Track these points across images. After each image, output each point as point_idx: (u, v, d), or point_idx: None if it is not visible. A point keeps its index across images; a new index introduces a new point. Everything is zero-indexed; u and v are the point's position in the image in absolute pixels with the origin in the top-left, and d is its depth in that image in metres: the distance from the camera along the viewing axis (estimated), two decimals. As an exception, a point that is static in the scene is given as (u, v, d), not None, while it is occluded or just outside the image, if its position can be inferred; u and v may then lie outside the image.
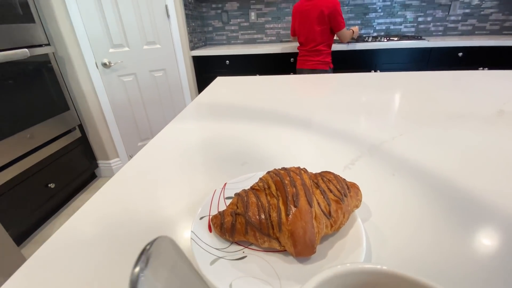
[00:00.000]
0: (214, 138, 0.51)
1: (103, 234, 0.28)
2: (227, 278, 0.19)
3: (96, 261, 0.25)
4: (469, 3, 2.33)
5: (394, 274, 0.11)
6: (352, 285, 0.11)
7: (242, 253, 0.23)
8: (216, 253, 0.22)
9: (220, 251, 0.22)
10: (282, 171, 0.25)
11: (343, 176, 0.36)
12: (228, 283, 0.19)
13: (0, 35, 1.23)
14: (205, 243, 0.22)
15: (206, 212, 0.26)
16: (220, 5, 2.50)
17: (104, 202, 0.35)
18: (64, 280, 0.23)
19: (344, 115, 0.59)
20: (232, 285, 0.19)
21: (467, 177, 0.35)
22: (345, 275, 0.11)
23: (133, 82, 1.85)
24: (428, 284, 0.11)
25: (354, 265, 0.11)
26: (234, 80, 1.04)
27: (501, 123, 0.51)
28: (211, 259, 0.21)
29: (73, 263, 0.25)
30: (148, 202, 0.33)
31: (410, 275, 0.11)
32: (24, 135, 1.36)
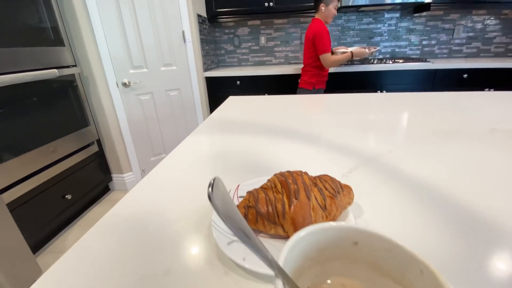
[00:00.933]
0: (226, 150, 0.57)
1: (123, 246, 0.29)
2: (241, 254, 0.24)
3: (114, 274, 0.26)
4: (472, 27, 2.41)
5: (354, 229, 0.15)
6: (326, 239, 0.16)
7: (253, 239, 0.27)
8: (232, 237, 0.27)
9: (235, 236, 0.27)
10: (287, 173, 0.30)
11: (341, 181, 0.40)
12: (242, 257, 0.23)
13: (33, 56, 1.37)
14: (222, 229, 0.27)
15: (223, 207, 0.31)
16: (232, 30, 2.67)
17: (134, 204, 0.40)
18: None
19: (345, 131, 0.64)
20: (245, 259, 0.23)
21: (453, 185, 0.39)
22: (314, 232, 0.15)
23: (149, 101, 1.97)
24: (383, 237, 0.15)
25: (321, 224, 0.16)
26: (245, 99, 1.12)
27: (493, 140, 0.55)
28: (228, 241, 0.26)
29: (90, 277, 0.26)
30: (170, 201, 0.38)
31: (363, 228, 0.15)
32: (48, 148, 1.46)
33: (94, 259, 0.28)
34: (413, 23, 2.47)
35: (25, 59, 1.32)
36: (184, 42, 2.00)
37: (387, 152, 0.50)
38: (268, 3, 2.23)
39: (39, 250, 1.48)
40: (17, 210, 1.28)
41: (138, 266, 0.27)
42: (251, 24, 2.62)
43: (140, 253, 0.28)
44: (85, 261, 0.28)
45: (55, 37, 1.51)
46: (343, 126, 0.68)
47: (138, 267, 0.27)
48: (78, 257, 0.29)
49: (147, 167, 2.11)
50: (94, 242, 0.31)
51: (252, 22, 2.61)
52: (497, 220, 0.31)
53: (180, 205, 0.37)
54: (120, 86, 1.82)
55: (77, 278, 0.26)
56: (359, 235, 0.16)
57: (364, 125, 0.68)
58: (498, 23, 2.36)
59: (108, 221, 0.35)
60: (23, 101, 1.32)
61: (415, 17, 2.44)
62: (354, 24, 2.54)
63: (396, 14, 2.45)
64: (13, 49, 1.26)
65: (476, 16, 2.37)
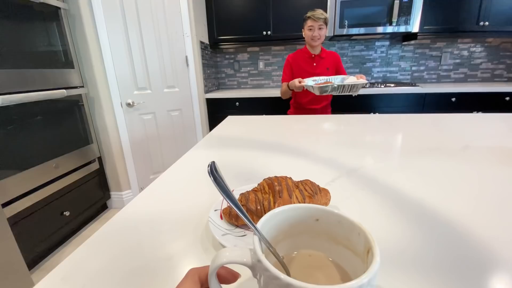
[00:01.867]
0: (223, 162, 0.62)
1: (120, 263, 0.29)
2: (233, 242, 0.29)
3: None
4: (459, 54, 2.56)
5: (315, 208, 0.20)
6: (295, 216, 0.21)
7: (243, 233, 0.32)
8: (225, 231, 0.31)
9: (228, 230, 0.32)
10: (274, 177, 0.35)
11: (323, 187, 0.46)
12: (233, 244, 0.28)
13: (44, 78, 1.46)
14: (218, 224, 0.32)
15: (218, 207, 0.36)
16: (233, 56, 2.83)
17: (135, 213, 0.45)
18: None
19: (332, 147, 0.70)
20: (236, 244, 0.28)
21: (423, 192, 0.44)
22: (286, 210, 0.20)
23: (151, 120, 2.05)
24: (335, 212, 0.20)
25: (291, 205, 0.21)
26: (243, 118, 1.19)
27: (465, 156, 0.60)
28: (222, 233, 0.31)
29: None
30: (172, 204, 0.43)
31: (322, 207, 0.20)
32: (51, 165, 1.51)
33: (85, 274, 0.28)
34: (403, 51, 2.63)
35: (35, 80, 1.41)
36: (187, 66, 2.13)
37: (367, 165, 0.56)
38: (266, 32, 2.40)
39: (34, 267, 1.47)
40: (16, 225, 1.30)
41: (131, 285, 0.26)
42: (250, 50, 2.79)
43: (133, 275, 0.28)
44: (73, 276, 0.28)
45: (66, 59, 1.61)
46: (331, 143, 0.74)
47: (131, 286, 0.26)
48: (67, 273, 0.28)
49: (146, 185, 2.13)
50: (84, 258, 0.31)
51: (251, 48, 2.77)
52: (461, 223, 0.36)
53: (175, 220, 0.38)
54: (124, 106, 1.90)
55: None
56: (319, 212, 0.21)
57: (349, 142, 0.74)
58: (483, 50, 2.52)
59: (100, 237, 0.35)
60: (30, 118, 1.39)
61: (404, 45, 2.61)
62: (347, 51, 2.70)
63: (386, 42, 2.62)
64: (25, 70, 1.35)
65: (461, 44, 2.53)
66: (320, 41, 1.60)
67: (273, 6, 2.33)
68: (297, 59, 1.70)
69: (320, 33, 1.57)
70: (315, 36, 1.57)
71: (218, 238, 0.29)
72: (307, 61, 1.69)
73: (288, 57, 1.73)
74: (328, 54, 1.71)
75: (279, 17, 2.36)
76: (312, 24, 1.55)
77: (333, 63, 1.70)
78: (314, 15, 1.52)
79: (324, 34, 1.59)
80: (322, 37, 1.60)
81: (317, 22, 1.53)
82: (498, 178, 0.48)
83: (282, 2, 2.32)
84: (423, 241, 0.32)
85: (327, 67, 1.68)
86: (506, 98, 2.08)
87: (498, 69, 2.56)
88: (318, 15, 1.52)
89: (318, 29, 1.56)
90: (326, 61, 1.69)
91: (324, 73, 1.64)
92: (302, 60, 1.70)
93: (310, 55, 1.68)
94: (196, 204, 0.42)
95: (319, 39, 1.59)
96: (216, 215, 0.34)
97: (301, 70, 1.69)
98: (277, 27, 2.39)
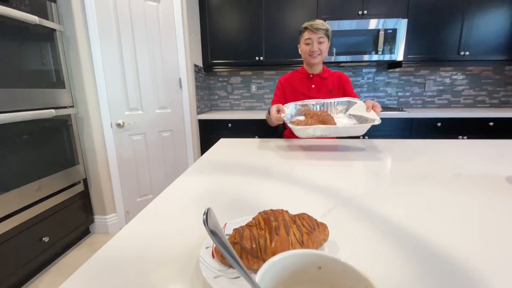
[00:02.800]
0: (215, 190, 0.60)
1: None
2: (226, 285, 0.26)
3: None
4: (442, 81, 2.70)
5: (318, 254, 0.19)
6: (295, 264, 0.19)
7: (237, 274, 0.30)
8: (218, 272, 0.29)
9: (221, 271, 0.29)
10: (269, 211, 0.34)
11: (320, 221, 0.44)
12: (227, 289, 0.26)
13: (33, 97, 1.43)
14: (209, 264, 0.30)
15: (210, 244, 0.34)
16: (226, 79, 2.89)
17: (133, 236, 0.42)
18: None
19: (326, 173, 0.69)
20: (229, 290, 0.26)
21: (420, 225, 0.43)
22: (286, 257, 0.19)
23: (141, 141, 2.01)
24: (340, 260, 0.19)
25: (291, 251, 0.19)
26: (235, 141, 1.18)
27: (458, 184, 0.61)
28: (214, 275, 0.28)
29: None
30: (159, 238, 0.40)
31: (325, 253, 0.19)
32: (33, 187, 1.43)
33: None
34: (388, 77, 2.75)
35: (24, 99, 1.38)
36: (180, 88, 2.14)
37: (362, 194, 0.55)
38: (258, 57, 2.48)
39: (4, 300, 1.34)
40: (-11, 253, 1.20)
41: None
42: (243, 74, 2.85)
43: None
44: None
45: (57, 79, 1.60)
46: (324, 169, 0.74)
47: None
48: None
49: (132, 208, 2.05)
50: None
51: (244, 72, 2.84)
52: (458, 256, 0.35)
53: (163, 258, 0.36)
54: (114, 127, 1.87)
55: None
56: (322, 260, 0.19)
57: (343, 168, 0.74)
58: (465, 78, 2.67)
59: (88, 271, 0.33)
60: (15, 138, 1.34)
61: (390, 72, 2.73)
62: (336, 76, 2.80)
63: (372, 69, 2.75)
64: (15, 89, 1.33)
65: (444, 72, 2.68)
66: (320, 57, 1.29)
67: (266, 33, 2.43)
68: (291, 80, 1.41)
69: (320, 48, 1.26)
70: (313, 51, 1.26)
71: (210, 282, 0.27)
72: (303, 82, 1.38)
73: (280, 78, 1.45)
74: (331, 74, 1.39)
75: (272, 43, 2.45)
76: (310, 36, 1.26)
77: (338, 84, 1.36)
78: (312, 25, 1.24)
79: (325, 49, 1.28)
80: (323, 52, 1.28)
81: (317, 33, 1.24)
82: (494, 208, 0.48)
83: (275, 30, 2.43)
84: (427, 279, 0.30)
85: (330, 89, 1.36)
86: (490, 123, 2.17)
87: (480, 96, 2.69)
88: (318, 25, 1.23)
89: (318, 42, 1.26)
90: (329, 82, 1.36)
91: (326, 97, 1.31)
92: (298, 81, 1.39)
93: (307, 75, 1.37)
94: (186, 239, 0.40)
95: (319, 54, 1.28)
96: (208, 253, 0.32)
97: (296, 93, 1.38)
98: (269, 53, 2.47)
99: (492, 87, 2.67)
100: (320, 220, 0.44)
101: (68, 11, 1.62)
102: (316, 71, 1.36)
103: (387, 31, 2.25)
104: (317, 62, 1.30)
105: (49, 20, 1.53)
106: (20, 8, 1.34)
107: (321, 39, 1.25)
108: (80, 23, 1.65)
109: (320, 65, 1.36)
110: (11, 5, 1.29)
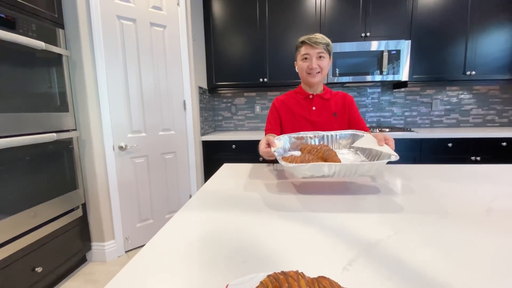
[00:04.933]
0: (216, 231, 0.54)
1: None
2: None
3: None
4: (448, 100, 2.65)
5: None
6: None
7: None
8: None
9: None
10: (281, 276, 0.27)
11: (341, 278, 0.37)
12: None
13: (36, 120, 1.41)
14: None
15: None
16: (230, 100, 2.89)
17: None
18: None
19: (341, 209, 0.62)
20: None
21: (459, 281, 0.35)
22: None
23: (143, 164, 1.97)
24: None
25: None
26: (240, 167, 1.12)
27: (489, 222, 0.53)
28: None
29: None
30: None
31: None
32: (29, 213, 1.38)
33: None
34: (394, 97, 2.72)
35: (28, 123, 1.36)
36: (184, 110, 2.13)
37: (386, 238, 0.48)
38: (262, 79, 2.48)
39: None
40: (-25, 288, 1.12)
41: None
42: (247, 95, 2.86)
43: None
44: None
45: (61, 103, 1.59)
46: (338, 204, 0.67)
47: None
48: None
49: (132, 234, 1.96)
50: None
51: (248, 93, 2.85)
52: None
53: None
54: (116, 149, 1.84)
55: None
56: None
57: (358, 202, 0.67)
58: (472, 97, 2.62)
59: None
60: (14, 163, 1.30)
61: (395, 92, 2.70)
62: (341, 97, 2.78)
63: (377, 89, 2.72)
64: (18, 114, 1.31)
65: (450, 91, 2.64)
66: (320, 76, 1.13)
67: (269, 54, 2.45)
68: (287, 102, 1.24)
69: (320, 64, 1.10)
70: (312, 69, 1.11)
71: None
72: (302, 103, 1.22)
73: (274, 100, 1.28)
74: (334, 95, 1.23)
75: (275, 65, 2.47)
76: (308, 51, 1.10)
77: (343, 106, 1.21)
78: (310, 39, 1.09)
79: (326, 66, 1.12)
80: (323, 69, 1.12)
81: (315, 48, 1.09)
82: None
83: (278, 51, 2.45)
84: None
85: (334, 112, 1.19)
86: (503, 143, 2.09)
87: (489, 115, 2.63)
88: (317, 38, 1.09)
89: (317, 58, 1.10)
90: (332, 103, 1.20)
91: (329, 121, 1.18)
92: (296, 103, 1.23)
93: (306, 96, 1.22)
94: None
95: (319, 72, 1.12)
96: None
97: (293, 116, 1.22)
98: (273, 74, 2.48)
99: (500, 106, 2.62)
100: (341, 276, 0.37)
101: (75, 36, 1.65)
102: (316, 91, 1.21)
103: (391, 52, 2.25)
104: (316, 81, 1.14)
105: (57, 45, 1.55)
106: (26, 34, 1.36)
107: (321, 54, 1.10)
108: (87, 48, 1.68)
109: (321, 85, 1.22)
110: (18, 31, 1.31)
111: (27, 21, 1.36)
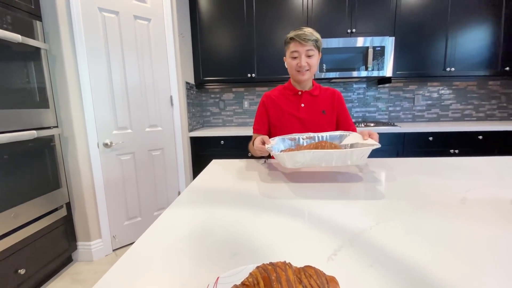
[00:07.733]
0: (206, 225, 0.54)
1: None
2: None
3: None
4: (430, 96, 2.75)
5: None
6: None
7: None
8: None
9: None
10: (270, 267, 0.28)
11: (327, 267, 0.39)
12: None
13: (15, 117, 1.35)
14: None
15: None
16: (218, 95, 2.87)
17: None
18: None
19: (326, 200, 0.65)
20: None
21: (437, 268, 0.38)
22: None
23: (130, 161, 1.93)
24: None
25: None
26: (229, 163, 1.13)
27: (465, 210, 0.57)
28: None
29: None
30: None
31: None
32: (9, 214, 1.33)
33: None
34: (379, 93, 2.79)
35: (5, 120, 1.30)
36: (171, 105, 2.10)
37: (369, 228, 0.50)
38: (250, 74, 2.48)
39: None
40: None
41: None
42: (236, 91, 2.84)
43: None
44: None
45: (41, 99, 1.53)
46: (324, 195, 0.69)
47: None
48: None
49: (119, 233, 1.93)
50: None
51: (236, 89, 2.83)
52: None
53: None
54: (101, 147, 1.79)
55: None
56: None
57: (344, 194, 0.69)
58: (452, 92, 2.73)
59: None
60: (-9, 163, 1.25)
61: (380, 87, 2.77)
62: (328, 92, 2.82)
63: (363, 85, 2.78)
64: (-6, 111, 1.25)
65: (431, 87, 2.74)
66: (309, 73, 1.13)
67: (257, 50, 2.45)
68: (276, 98, 1.24)
69: (309, 62, 1.10)
70: (301, 66, 1.10)
71: None
72: (290, 100, 1.22)
73: (263, 97, 1.27)
74: (323, 91, 1.23)
75: (263, 60, 2.46)
76: (296, 48, 1.09)
77: (331, 103, 1.22)
78: (299, 35, 1.06)
79: (315, 63, 1.12)
80: (312, 67, 1.12)
81: (304, 45, 1.07)
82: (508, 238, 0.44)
83: (266, 47, 2.44)
84: None
85: (323, 109, 1.20)
86: (479, 136, 2.20)
87: (467, 109, 2.76)
88: (306, 35, 1.06)
89: (306, 55, 1.09)
90: (321, 100, 1.21)
91: (318, 118, 1.19)
92: (285, 99, 1.22)
93: (295, 92, 1.21)
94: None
95: (308, 70, 1.11)
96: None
97: (282, 113, 1.21)
98: (261, 70, 2.48)
99: (477, 101, 2.74)
100: (327, 265, 0.39)
101: (54, 29, 1.58)
102: (305, 87, 1.21)
103: (375, 48, 2.30)
104: (305, 78, 1.14)
105: (35, 38, 1.48)
106: (1, 26, 1.29)
107: (310, 52, 1.08)
108: (67, 41, 1.61)
109: (310, 81, 1.22)
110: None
111: (1, 13, 1.29)
